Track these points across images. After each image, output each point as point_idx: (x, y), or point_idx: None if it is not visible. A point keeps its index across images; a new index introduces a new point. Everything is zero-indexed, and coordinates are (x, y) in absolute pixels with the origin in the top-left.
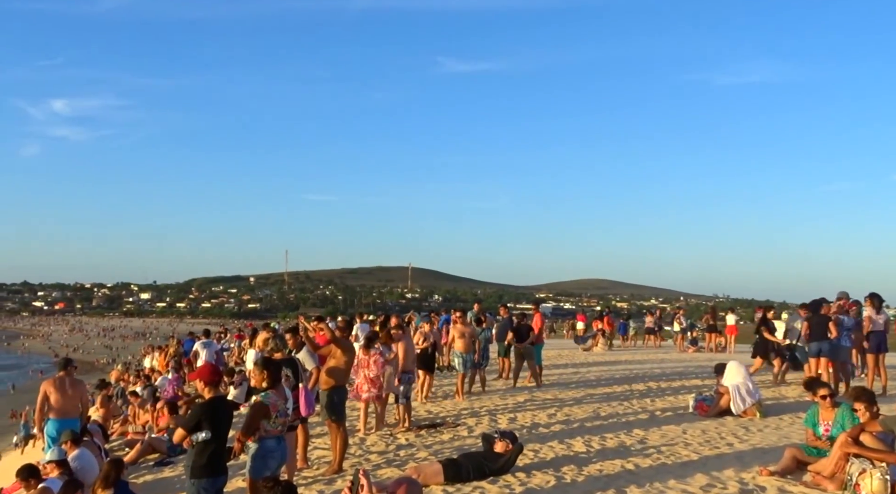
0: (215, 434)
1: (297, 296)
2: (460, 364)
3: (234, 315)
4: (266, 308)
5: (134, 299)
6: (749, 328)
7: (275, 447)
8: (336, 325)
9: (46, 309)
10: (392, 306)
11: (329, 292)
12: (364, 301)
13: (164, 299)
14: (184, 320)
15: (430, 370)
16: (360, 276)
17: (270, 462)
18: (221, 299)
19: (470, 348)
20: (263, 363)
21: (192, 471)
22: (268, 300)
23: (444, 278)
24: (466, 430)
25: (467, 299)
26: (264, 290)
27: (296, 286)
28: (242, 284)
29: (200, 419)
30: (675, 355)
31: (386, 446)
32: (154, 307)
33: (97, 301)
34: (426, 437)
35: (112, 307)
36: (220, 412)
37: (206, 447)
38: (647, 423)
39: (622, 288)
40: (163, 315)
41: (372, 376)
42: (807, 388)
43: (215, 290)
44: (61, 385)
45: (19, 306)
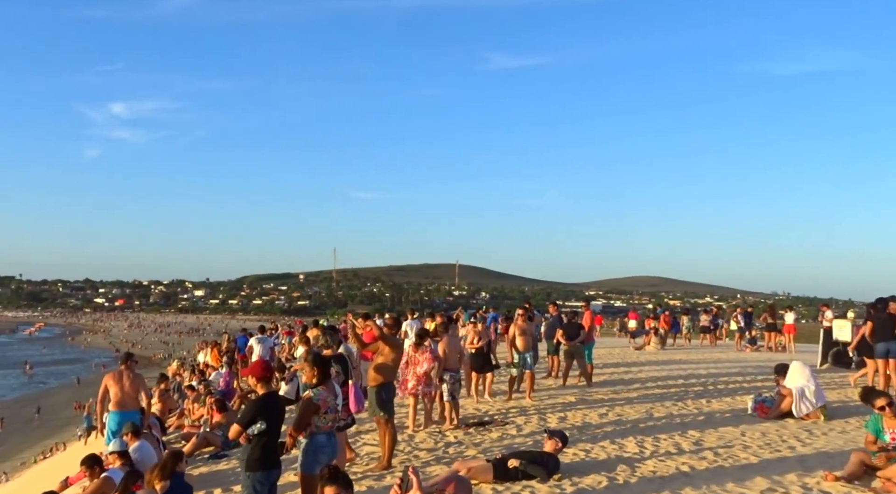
0: (269, 428)
1: (346, 293)
2: (521, 363)
3: (284, 312)
4: (315, 305)
5: (188, 296)
6: (810, 327)
7: (325, 442)
8: (384, 322)
9: (107, 305)
10: (439, 304)
11: (377, 289)
12: (411, 298)
13: (217, 296)
14: (236, 316)
15: (485, 369)
16: (408, 273)
17: (321, 456)
18: (272, 297)
19: (530, 346)
20: (313, 360)
21: (247, 464)
22: (317, 297)
23: (492, 276)
24: (515, 429)
25: (515, 296)
26: (313, 287)
27: (344, 284)
28: (292, 281)
29: (255, 414)
30: (733, 354)
31: (434, 443)
32: (207, 304)
33: (154, 298)
34: (475, 435)
35: (168, 304)
36: (274, 408)
37: (260, 441)
38: (702, 424)
39: (675, 285)
40: (216, 312)
41: (422, 372)
42: (864, 400)
43: (266, 287)
44: (122, 379)
45: (82, 303)
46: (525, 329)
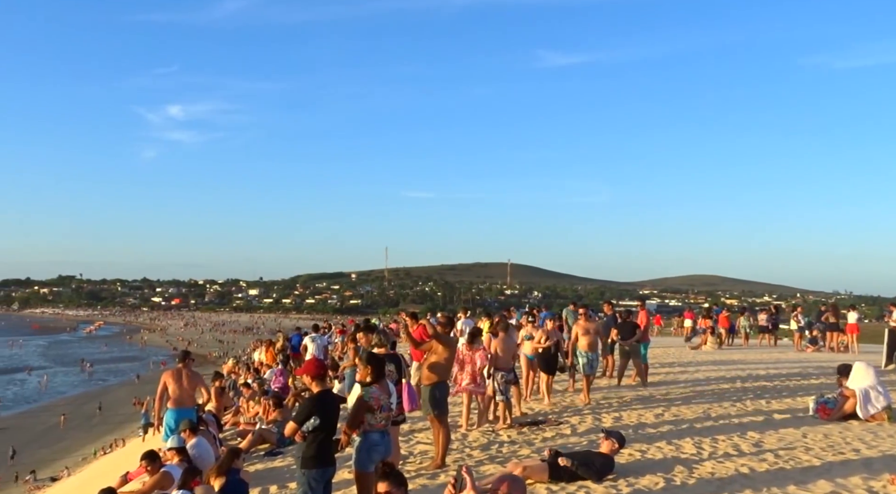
0: (324, 425)
1: (397, 292)
2: (584, 365)
3: (336, 311)
4: (367, 304)
5: (243, 295)
6: (873, 327)
7: (379, 440)
8: (437, 321)
9: (163, 304)
10: (491, 303)
11: (428, 288)
12: (463, 298)
13: (270, 295)
14: (289, 315)
15: (551, 370)
16: (459, 272)
17: (375, 455)
18: (325, 296)
19: (595, 346)
20: (367, 358)
21: (302, 462)
22: (369, 297)
23: (544, 275)
24: (570, 428)
25: (567, 295)
26: (365, 286)
27: (395, 283)
28: (344, 280)
29: (311, 412)
30: (793, 354)
31: (488, 442)
32: (261, 303)
33: (209, 297)
34: (528, 434)
35: (223, 303)
36: (329, 405)
37: (315, 438)
38: (762, 425)
39: (732, 284)
40: (269, 311)
41: (476, 371)
42: None
43: (319, 286)
44: (179, 377)
45: (139, 302)
46: (589, 329)
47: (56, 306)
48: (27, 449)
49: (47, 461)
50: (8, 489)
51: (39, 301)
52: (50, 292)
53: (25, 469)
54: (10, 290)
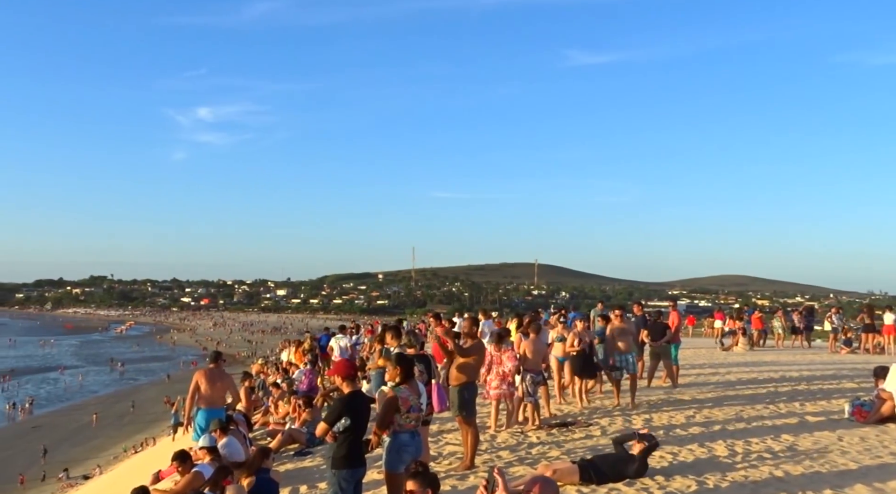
0: (355, 426)
1: (424, 293)
2: (622, 366)
3: (363, 311)
4: (394, 305)
5: (271, 296)
6: None
7: (409, 441)
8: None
9: (193, 304)
10: (518, 303)
11: (455, 288)
12: (490, 298)
13: (298, 295)
14: (316, 315)
15: (587, 373)
16: (486, 272)
17: (405, 455)
18: (352, 296)
19: (631, 347)
20: (396, 359)
21: (332, 462)
22: (396, 297)
23: (571, 275)
24: (599, 430)
25: (595, 295)
26: (392, 287)
27: (423, 283)
28: (371, 280)
29: (341, 412)
30: (827, 356)
31: (517, 443)
32: (289, 303)
33: (238, 297)
34: (558, 435)
35: (251, 303)
36: (359, 406)
37: (346, 438)
38: (796, 428)
39: (763, 284)
40: (297, 311)
41: (504, 372)
42: None
43: (346, 286)
44: (211, 377)
45: (169, 302)
46: (624, 329)
47: (88, 306)
48: (60, 447)
49: (80, 459)
50: (38, 487)
51: (72, 301)
52: (82, 293)
53: (58, 467)
54: (44, 290)
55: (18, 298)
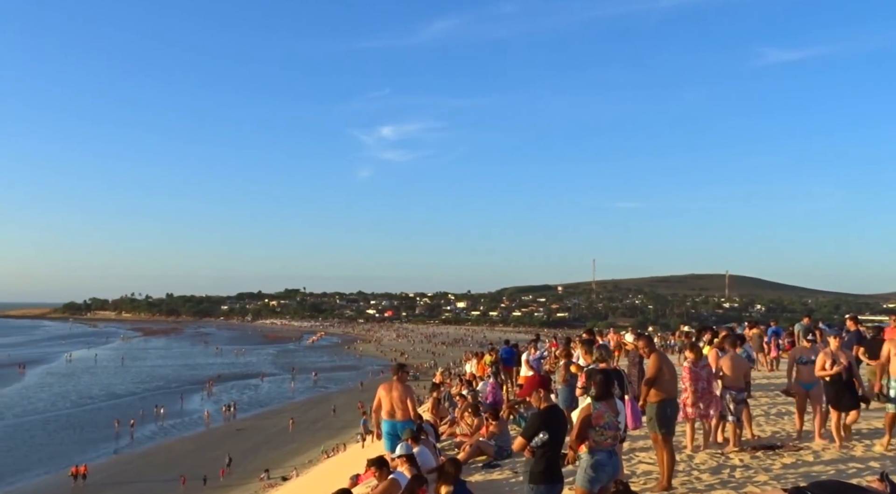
0: (552, 440)
1: (606, 305)
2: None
3: (542, 324)
4: (574, 317)
5: (451, 308)
6: None
7: (606, 460)
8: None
9: (377, 316)
10: (707, 317)
11: (639, 301)
12: (676, 311)
13: (477, 307)
14: (495, 328)
15: (846, 404)
16: (672, 284)
17: (601, 474)
18: (531, 309)
19: None
20: (592, 374)
21: (530, 476)
22: (576, 309)
23: (767, 286)
24: (812, 455)
25: (795, 308)
26: (572, 299)
27: (604, 295)
28: (551, 293)
29: (539, 427)
30: None
31: (717, 466)
32: (469, 316)
33: (419, 309)
34: (764, 459)
35: (432, 315)
36: (556, 420)
37: (543, 453)
38: None
39: None
40: (476, 323)
41: (699, 389)
42: None
43: (525, 299)
44: (390, 389)
45: (355, 314)
46: None
47: (283, 317)
48: (261, 449)
49: (278, 461)
50: (243, 484)
51: (269, 313)
52: (278, 305)
53: (260, 468)
54: (245, 302)
55: (223, 310)
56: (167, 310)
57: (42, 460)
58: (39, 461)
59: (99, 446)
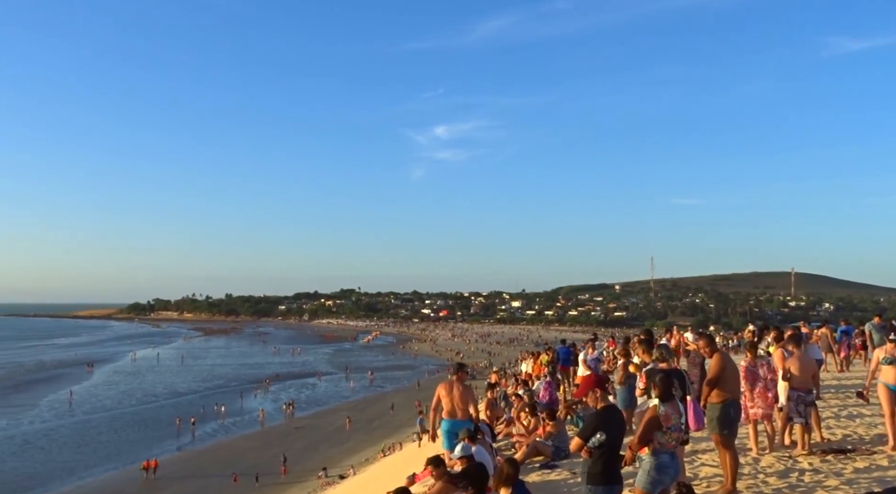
0: (610, 441)
1: (665, 304)
2: None
3: (599, 323)
4: (632, 317)
5: (506, 307)
6: None
7: (669, 462)
8: (698, 341)
9: (432, 316)
10: (772, 316)
11: (699, 299)
12: (739, 310)
13: (532, 307)
14: (550, 327)
15: None
16: (734, 282)
17: (664, 477)
18: (588, 308)
19: None
20: (651, 374)
21: (588, 477)
22: (634, 308)
23: (835, 284)
24: (886, 459)
25: (867, 307)
26: (630, 298)
27: (663, 294)
28: (608, 292)
29: (596, 428)
30: None
31: (785, 469)
32: (524, 315)
33: (474, 309)
34: (834, 463)
35: (487, 315)
36: (614, 421)
37: (601, 454)
38: None
39: None
40: (532, 323)
41: (762, 390)
42: None
43: (581, 298)
44: (451, 389)
45: (410, 313)
46: None
47: (339, 316)
48: (319, 448)
49: (335, 459)
50: (301, 482)
51: (325, 313)
52: (334, 305)
53: (318, 466)
54: (301, 302)
55: (281, 309)
56: (227, 310)
57: (110, 456)
58: (107, 457)
59: (163, 443)
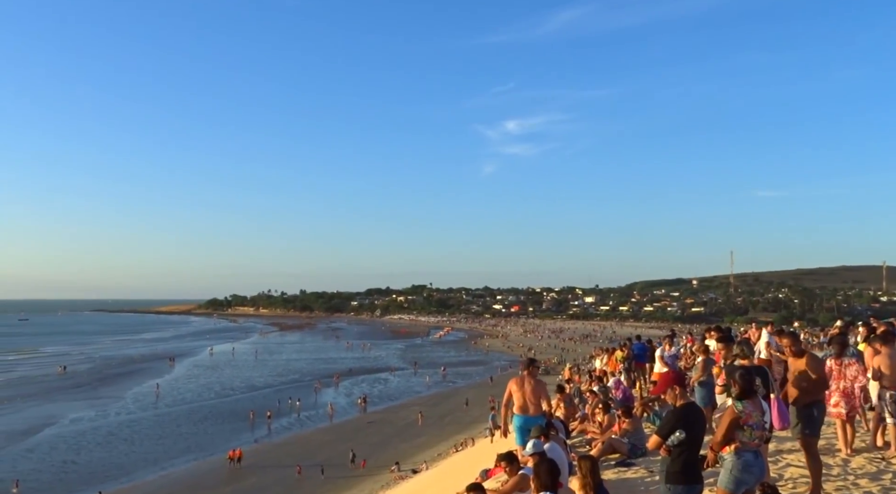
0: (689, 439)
1: (746, 299)
2: None
3: (676, 319)
4: (711, 312)
5: (579, 303)
6: None
7: (753, 461)
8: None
9: (503, 311)
10: (861, 311)
11: (782, 295)
12: (825, 305)
13: (606, 302)
14: (625, 323)
15: None
16: (820, 277)
17: (748, 476)
18: (664, 303)
19: None
20: (731, 371)
21: (666, 476)
22: (712, 304)
23: None
24: None
25: None
26: (708, 293)
27: (743, 289)
28: (685, 287)
29: (675, 425)
30: None
31: (877, 471)
32: (597, 311)
33: (546, 304)
34: None
35: (559, 310)
36: (694, 419)
37: (680, 453)
38: None
39: None
40: (606, 319)
41: (847, 388)
42: None
43: (657, 293)
44: (522, 384)
45: (481, 309)
46: None
47: (410, 312)
48: (391, 442)
49: (408, 454)
50: (374, 476)
51: (397, 308)
52: (405, 301)
53: (391, 460)
54: (373, 298)
55: (353, 305)
56: (301, 306)
57: (190, 447)
58: (188, 448)
59: (240, 435)
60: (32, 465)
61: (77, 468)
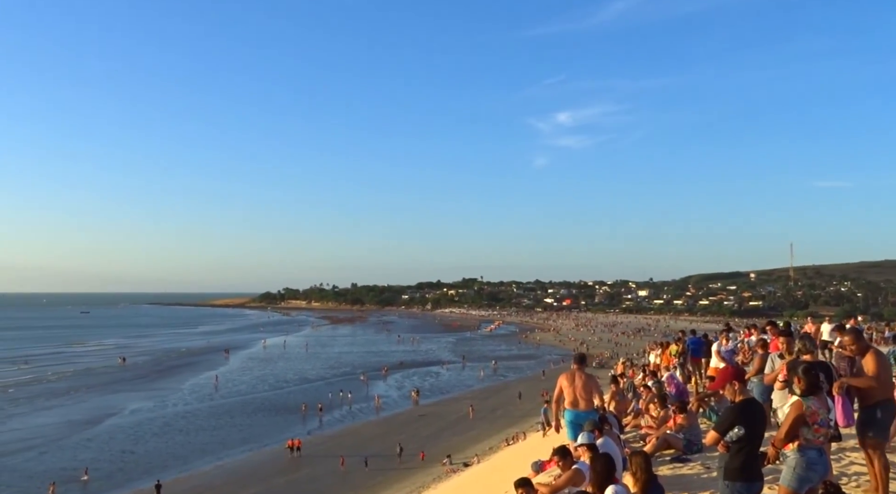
0: (749, 435)
1: (806, 293)
2: None
3: (732, 313)
4: (769, 306)
5: (632, 296)
6: None
7: (817, 459)
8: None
9: (555, 305)
10: None
11: (845, 288)
12: (891, 299)
13: (660, 296)
14: (679, 317)
15: None
16: (885, 270)
17: (812, 474)
18: (720, 297)
19: None
20: (793, 366)
21: (725, 473)
22: (771, 298)
23: None
24: None
25: None
26: (767, 286)
27: (803, 283)
28: (742, 280)
29: (734, 421)
30: None
31: None
32: (651, 304)
33: (598, 298)
34: None
35: (612, 304)
36: (754, 415)
37: (740, 449)
38: None
39: None
40: (660, 312)
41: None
42: None
43: (713, 287)
44: (573, 379)
45: (532, 303)
46: None
47: (461, 306)
48: (442, 435)
49: (459, 447)
50: (426, 468)
51: (447, 302)
52: (456, 294)
53: (442, 453)
54: (424, 291)
55: (404, 299)
56: (352, 299)
57: (245, 438)
58: (243, 439)
59: (293, 427)
60: (92, 454)
61: (135, 457)
